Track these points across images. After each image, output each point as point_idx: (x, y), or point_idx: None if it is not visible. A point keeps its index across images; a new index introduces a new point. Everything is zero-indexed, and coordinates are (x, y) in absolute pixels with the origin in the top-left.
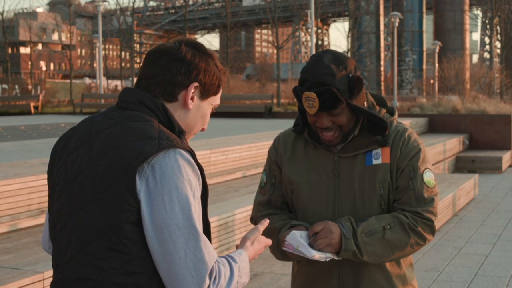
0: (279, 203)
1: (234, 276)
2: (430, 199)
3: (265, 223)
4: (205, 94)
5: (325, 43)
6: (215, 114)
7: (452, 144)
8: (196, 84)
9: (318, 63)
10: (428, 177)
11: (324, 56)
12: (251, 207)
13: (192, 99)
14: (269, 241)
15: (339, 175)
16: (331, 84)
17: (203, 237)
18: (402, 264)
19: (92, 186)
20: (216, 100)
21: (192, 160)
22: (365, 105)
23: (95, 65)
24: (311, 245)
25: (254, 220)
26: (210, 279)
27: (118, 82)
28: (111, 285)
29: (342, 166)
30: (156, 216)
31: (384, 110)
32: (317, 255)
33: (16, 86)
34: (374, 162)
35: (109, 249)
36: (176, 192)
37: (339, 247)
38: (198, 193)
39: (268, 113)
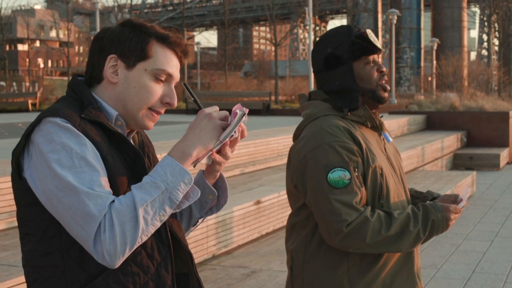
0: (368, 196)
1: (139, 217)
2: None
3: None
4: (129, 62)
5: None
6: None
7: (450, 141)
8: (111, 55)
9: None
10: None
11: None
12: (249, 204)
13: (115, 72)
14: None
15: (387, 152)
16: None
17: (84, 189)
18: None
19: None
20: (152, 64)
21: (67, 125)
22: None
23: None
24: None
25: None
26: (100, 231)
27: None
28: (35, 268)
29: (385, 144)
30: (42, 186)
31: None
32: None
33: (14, 83)
34: (390, 140)
35: (24, 234)
36: (50, 157)
37: None
38: (91, 154)
39: (266, 110)
